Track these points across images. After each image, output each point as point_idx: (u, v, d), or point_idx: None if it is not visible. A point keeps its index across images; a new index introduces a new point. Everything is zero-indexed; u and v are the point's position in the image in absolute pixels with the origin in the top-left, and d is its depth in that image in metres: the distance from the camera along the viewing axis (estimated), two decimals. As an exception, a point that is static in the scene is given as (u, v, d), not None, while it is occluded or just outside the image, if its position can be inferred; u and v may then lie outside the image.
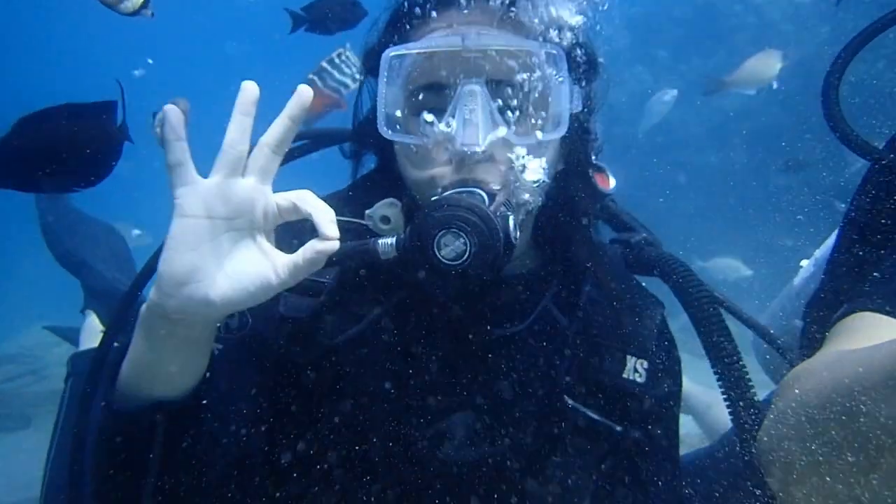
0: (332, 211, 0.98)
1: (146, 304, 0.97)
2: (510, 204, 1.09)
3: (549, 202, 1.23)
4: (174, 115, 0.92)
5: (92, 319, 3.15)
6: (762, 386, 1.32)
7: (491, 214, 1.00)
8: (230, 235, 0.96)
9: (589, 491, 1.28)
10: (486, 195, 1.07)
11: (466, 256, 0.98)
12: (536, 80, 1.13)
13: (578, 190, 1.28)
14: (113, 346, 1.37)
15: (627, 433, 1.29)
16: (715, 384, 1.21)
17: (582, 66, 1.22)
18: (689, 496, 1.40)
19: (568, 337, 1.29)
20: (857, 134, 1.25)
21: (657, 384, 1.31)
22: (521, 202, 1.12)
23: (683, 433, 1.44)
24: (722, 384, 1.20)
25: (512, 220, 1.05)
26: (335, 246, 0.96)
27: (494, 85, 1.12)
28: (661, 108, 7.35)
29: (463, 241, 0.98)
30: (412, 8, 1.18)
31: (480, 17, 1.15)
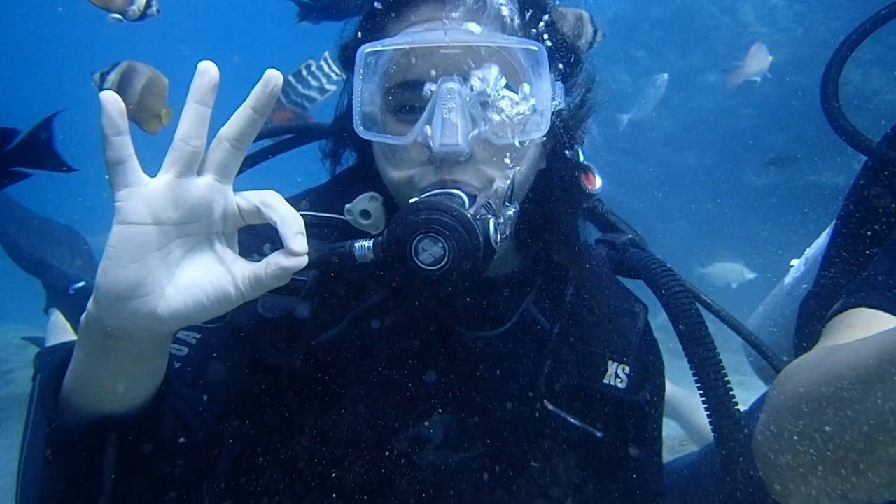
0: (300, 221, 0.87)
1: (84, 314, 0.85)
2: (491, 206, 1.06)
3: (531, 203, 1.20)
4: (112, 103, 0.77)
5: (56, 317, 3.10)
6: (756, 389, 1.32)
7: (471, 218, 0.96)
8: (182, 242, 0.85)
9: (568, 496, 1.26)
10: (465, 197, 1.03)
11: (445, 262, 0.94)
12: (517, 77, 1.10)
13: (562, 190, 1.25)
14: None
15: (608, 438, 1.28)
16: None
17: (564, 62, 1.19)
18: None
19: (549, 341, 1.26)
20: (854, 128, 1.25)
21: (639, 389, 1.30)
22: (501, 203, 1.09)
23: (664, 436, 1.43)
24: (701, 390, 1.20)
25: (493, 223, 1.02)
26: (302, 262, 0.86)
27: (474, 82, 1.08)
28: (654, 92, 7.39)
29: (441, 245, 0.94)
30: (389, 1, 1.14)
31: (459, 11, 1.11)
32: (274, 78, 0.84)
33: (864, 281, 1.07)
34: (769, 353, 1.41)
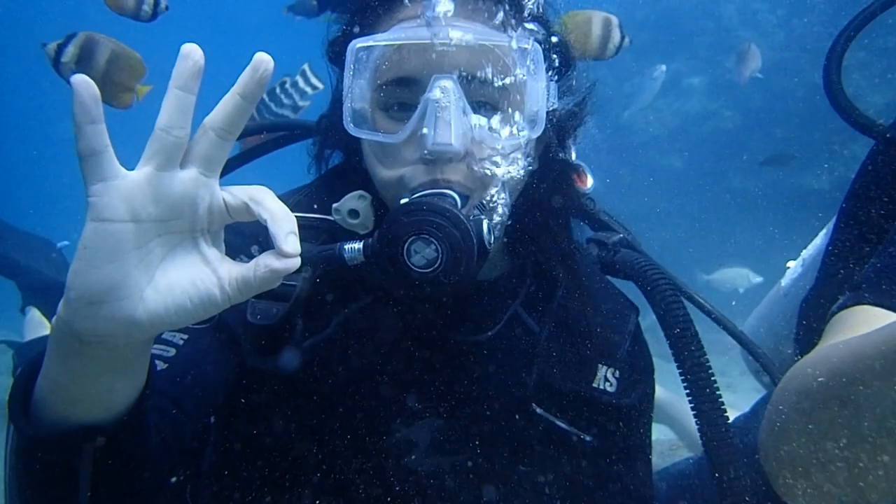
0: (292, 219, 0.79)
1: (55, 318, 0.78)
2: (484, 206, 1.04)
3: (523, 203, 1.19)
4: (85, 88, 0.69)
5: (33, 314, 3.11)
6: (744, 391, 1.32)
7: (464, 218, 0.95)
8: (163, 240, 0.77)
9: (557, 500, 1.25)
10: (458, 197, 1.02)
11: (438, 264, 0.92)
12: (512, 75, 1.08)
13: (555, 190, 1.23)
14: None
15: (597, 442, 1.26)
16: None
17: (557, 60, 1.17)
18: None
19: (538, 344, 1.25)
20: (860, 111, 1.25)
21: (628, 393, 1.29)
22: (494, 204, 1.08)
23: (654, 440, 1.42)
24: (689, 393, 1.20)
25: (486, 224, 1.00)
26: (294, 265, 0.78)
27: (468, 80, 1.06)
28: (651, 84, 7.39)
29: (434, 247, 0.92)
30: None
31: (453, 7, 1.09)
32: (264, 62, 0.75)
33: (864, 277, 1.07)
34: (760, 352, 1.41)
